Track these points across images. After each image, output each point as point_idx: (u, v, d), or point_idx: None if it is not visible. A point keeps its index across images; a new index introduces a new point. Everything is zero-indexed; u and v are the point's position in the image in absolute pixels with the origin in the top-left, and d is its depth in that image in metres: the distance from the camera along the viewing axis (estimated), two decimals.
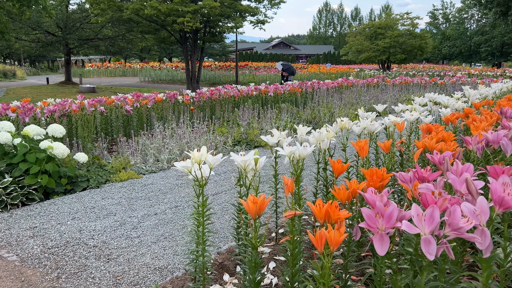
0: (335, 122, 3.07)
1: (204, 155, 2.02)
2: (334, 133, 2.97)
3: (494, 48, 58.63)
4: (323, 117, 8.32)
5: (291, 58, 63.32)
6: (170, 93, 7.93)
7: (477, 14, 66.88)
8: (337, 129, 2.97)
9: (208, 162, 2.05)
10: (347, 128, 2.97)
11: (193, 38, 14.58)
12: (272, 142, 2.69)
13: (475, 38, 61.08)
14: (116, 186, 4.46)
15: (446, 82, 15.27)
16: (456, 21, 69.52)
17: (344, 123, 2.94)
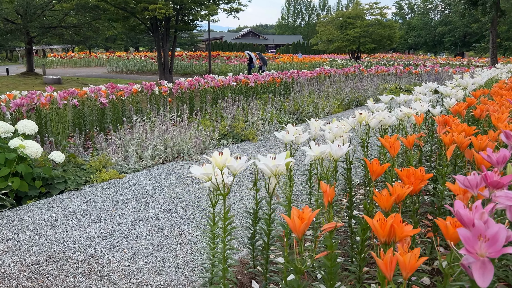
0: (352, 116, 2.79)
1: (228, 159, 1.69)
2: (351, 127, 2.69)
3: (457, 38, 60.24)
4: (307, 108, 8.08)
5: (261, 47, 62.96)
6: (147, 84, 7.46)
7: (441, 4, 68.50)
8: (355, 123, 2.69)
9: (233, 167, 1.73)
10: (366, 121, 2.69)
11: (165, 26, 13.97)
12: (287, 139, 2.38)
13: (439, 28, 62.52)
14: (98, 187, 4.05)
15: (420, 72, 15.37)
16: (421, 11, 70.93)
17: (363, 116, 2.67)
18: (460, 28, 58.62)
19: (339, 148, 1.90)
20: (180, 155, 5.08)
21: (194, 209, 3.50)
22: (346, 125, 2.66)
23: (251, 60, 18.00)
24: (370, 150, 3.10)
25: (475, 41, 57.38)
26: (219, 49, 61.13)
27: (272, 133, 6.55)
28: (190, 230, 3.10)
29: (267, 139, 6.22)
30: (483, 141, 2.37)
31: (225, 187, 1.76)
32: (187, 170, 4.63)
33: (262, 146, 5.81)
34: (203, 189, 4.02)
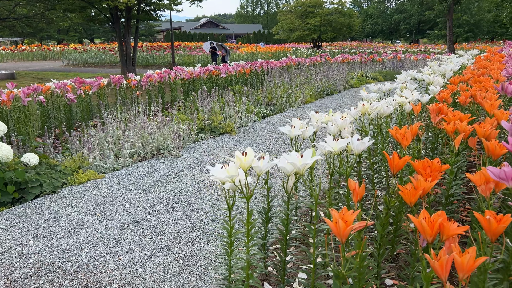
0: (353, 107, 2.73)
1: (253, 159, 1.58)
2: (354, 118, 2.63)
3: (412, 26, 62.07)
4: (281, 98, 8.01)
5: (221, 37, 62.31)
6: (115, 77, 7.12)
7: None
8: (357, 114, 2.63)
9: (258, 168, 1.62)
10: (368, 112, 2.63)
11: (126, 17, 13.43)
12: (294, 133, 2.28)
13: (395, 16, 64.14)
14: (77, 189, 3.80)
15: (384, 59, 15.67)
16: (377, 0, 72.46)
17: (366, 107, 2.61)
18: (415, 16, 60.41)
19: (361, 142, 1.81)
20: (160, 151, 4.88)
21: (185, 209, 3.35)
22: (348, 117, 2.59)
23: (215, 50, 17.70)
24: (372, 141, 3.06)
25: (428, 29, 59.38)
26: (179, 39, 59.99)
27: (251, 125, 6.44)
28: (185, 231, 2.95)
29: (246, 132, 6.11)
30: (487, 129, 2.38)
31: (248, 189, 1.64)
32: (170, 167, 4.45)
33: (242, 139, 5.69)
34: (190, 186, 3.86)
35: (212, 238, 2.85)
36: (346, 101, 8.81)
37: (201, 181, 4.01)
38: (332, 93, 9.94)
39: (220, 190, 3.75)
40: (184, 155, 4.91)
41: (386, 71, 13.94)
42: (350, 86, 11.10)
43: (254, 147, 5.24)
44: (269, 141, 5.58)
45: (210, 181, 3.98)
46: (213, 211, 3.30)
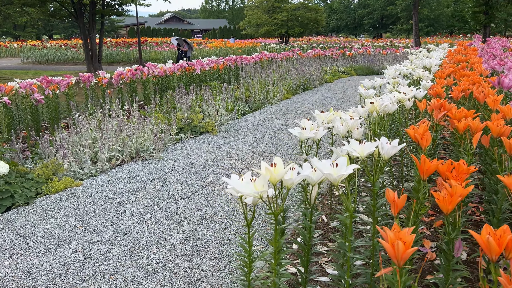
0: (358, 105, 2.57)
1: (286, 171, 1.38)
2: (363, 118, 2.47)
3: (375, 21, 63.33)
4: (258, 95, 7.83)
5: (186, 33, 61.44)
6: (84, 76, 6.71)
7: None
8: (366, 113, 2.47)
9: (290, 181, 1.42)
10: (377, 110, 2.48)
11: (91, 11, 12.82)
12: (305, 136, 2.10)
13: (358, 11, 65.21)
14: (53, 199, 3.48)
15: (354, 54, 15.77)
16: None
17: (374, 105, 2.45)
18: (378, 11, 61.65)
19: (391, 146, 1.65)
20: (139, 154, 4.59)
21: (175, 217, 3.12)
22: (355, 116, 2.44)
23: (180, 46, 17.19)
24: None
25: (391, 23, 60.72)
26: (143, 35, 58.54)
27: (231, 123, 6.22)
28: (179, 242, 2.73)
29: (227, 130, 5.88)
30: (502, 126, 2.28)
31: (276, 204, 1.45)
32: (152, 171, 4.18)
33: (225, 139, 5.46)
34: (177, 192, 3.62)
35: (211, 250, 2.64)
36: (323, 97, 8.73)
37: (188, 185, 3.77)
38: (308, 88, 9.85)
39: (211, 195, 3.53)
40: (165, 157, 4.64)
41: (357, 65, 14.02)
42: (325, 81, 11.06)
43: (238, 147, 5.04)
44: (252, 139, 5.39)
45: (198, 185, 3.75)
46: (206, 218, 3.08)
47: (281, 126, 6.12)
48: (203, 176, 4.00)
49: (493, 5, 18.49)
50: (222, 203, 3.36)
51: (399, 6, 54.60)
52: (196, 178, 3.95)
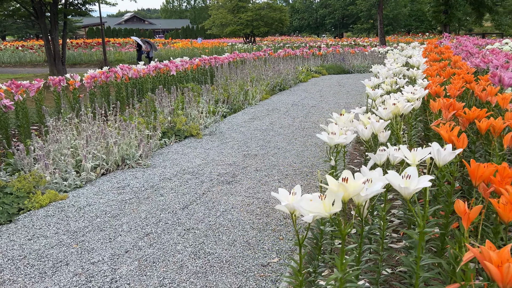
0: (380, 105, 2.47)
1: (359, 184, 1.23)
2: (386, 120, 2.36)
3: (337, 20, 64.45)
4: (238, 95, 7.65)
5: (148, 33, 60.23)
6: (55, 79, 6.31)
7: None
8: (390, 115, 2.36)
9: (363, 197, 1.27)
10: (398, 113, 2.38)
11: (53, 11, 12.18)
12: (335, 141, 1.96)
13: (320, 11, 66.16)
14: (38, 216, 3.18)
15: (323, 53, 15.87)
16: None
17: (398, 106, 2.35)
18: (339, 10, 62.77)
19: (448, 152, 1.53)
20: (125, 162, 4.32)
21: (178, 230, 2.91)
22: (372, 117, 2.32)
23: (140, 46, 16.65)
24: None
25: (352, 23, 62.03)
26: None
27: (214, 126, 6.01)
28: (189, 258, 2.53)
29: (212, 134, 5.68)
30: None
31: (344, 222, 1.30)
32: (142, 180, 3.93)
33: (211, 142, 5.26)
34: (174, 201, 3.41)
35: (225, 265, 2.46)
36: (302, 96, 8.66)
37: (184, 194, 3.56)
38: (284, 88, 9.76)
39: (211, 204, 3.34)
40: (153, 164, 4.39)
41: (328, 65, 14.11)
42: (299, 81, 11.02)
43: (227, 151, 4.86)
44: (240, 142, 5.22)
45: (195, 194, 3.55)
46: (212, 230, 2.90)
47: (266, 127, 5.98)
48: (198, 184, 3.80)
49: (453, 5, 19.16)
50: (224, 212, 3.18)
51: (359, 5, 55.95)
52: (191, 186, 3.74)
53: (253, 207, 3.25)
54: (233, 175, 4.01)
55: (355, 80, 11.52)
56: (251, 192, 3.56)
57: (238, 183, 3.78)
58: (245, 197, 3.46)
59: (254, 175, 3.98)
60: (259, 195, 3.49)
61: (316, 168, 4.14)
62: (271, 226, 2.92)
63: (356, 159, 4.19)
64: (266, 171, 4.10)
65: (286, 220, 2.98)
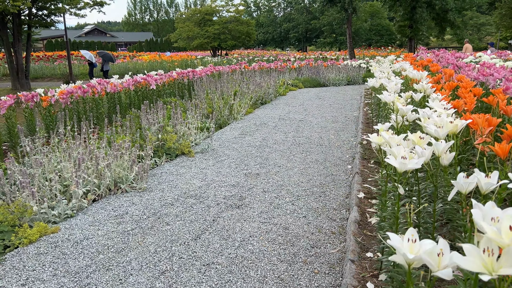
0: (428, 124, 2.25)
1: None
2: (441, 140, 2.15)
3: (300, 34, 65.58)
4: (223, 110, 7.36)
5: (110, 45, 58.94)
6: (28, 95, 5.80)
7: (283, 2, 73.66)
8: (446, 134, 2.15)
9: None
10: (455, 132, 2.17)
11: (15, 22, 11.45)
12: (408, 167, 1.72)
13: (284, 25, 67.14)
14: (29, 254, 2.75)
15: (297, 66, 15.86)
16: (266, 9, 75.14)
17: (456, 124, 2.14)
18: (302, 24, 63.94)
19: None
20: (118, 185, 3.93)
21: (196, 265, 2.57)
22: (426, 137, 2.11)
23: (91, 60, 15.81)
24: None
25: (315, 37, 63.31)
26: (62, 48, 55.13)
27: (205, 143, 5.68)
28: None
29: (204, 151, 5.35)
30: None
31: None
32: (141, 206, 3.55)
33: (205, 161, 4.93)
34: (184, 231, 3.06)
35: None
36: (286, 110, 8.47)
37: (192, 221, 3.23)
38: (266, 102, 9.56)
39: (226, 233, 3.02)
40: (149, 187, 4.02)
41: (303, 78, 14.08)
42: (279, 94, 10.86)
43: (225, 170, 4.55)
44: (237, 160, 4.92)
45: (204, 221, 3.22)
46: (235, 264, 2.58)
47: (260, 143, 5.71)
48: (204, 209, 3.47)
49: (417, 20, 19.77)
50: (243, 242, 2.87)
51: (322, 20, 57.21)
52: (198, 212, 3.40)
53: (272, 234, 2.96)
54: (240, 197, 3.71)
55: (333, 93, 11.49)
56: (266, 217, 3.27)
57: (248, 207, 3.48)
58: (261, 223, 3.16)
59: (263, 197, 3.69)
60: (275, 220, 3.21)
61: (326, 187, 3.90)
62: (300, 258, 2.64)
63: (370, 177, 4.00)
64: (275, 192, 3.83)
65: (315, 250, 2.71)
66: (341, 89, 12.60)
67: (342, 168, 4.50)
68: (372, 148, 4.90)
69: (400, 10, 20.24)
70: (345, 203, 3.49)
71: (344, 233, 2.92)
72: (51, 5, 12.06)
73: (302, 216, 3.26)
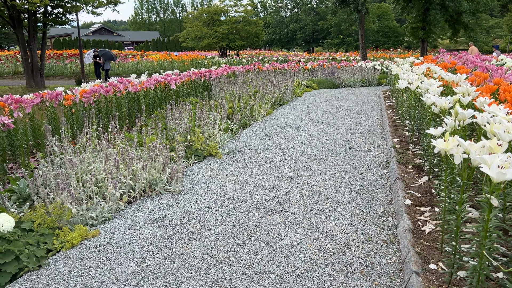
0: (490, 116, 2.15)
1: None
2: None
3: (307, 35, 65.44)
4: (244, 111, 7.27)
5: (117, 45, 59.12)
6: (52, 93, 5.73)
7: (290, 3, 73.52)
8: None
9: None
10: None
11: (31, 20, 11.41)
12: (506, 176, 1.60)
13: (291, 25, 66.97)
14: (72, 258, 2.66)
15: (310, 67, 15.76)
16: (273, 9, 75.03)
17: None
18: (310, 25, 63.81)
19: None
20: (152, 187, 3.84)
21: (248, 273, 2.48)
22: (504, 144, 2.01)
23: (98, 59, 15.57)
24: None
25: (322, 38, 63.16)
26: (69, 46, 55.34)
27: (231, 144, 5.59)
28: None
29: (231, 153, 5.25)
30: None
31: None
32: (179, 209, 3.46)
33: (234, 163, 4.84)
34: (227, 237, 2.96)
35: None
36: (306, 112, 8.37)
37: (234, 226, 3.13)
38: (284, 103, 9.46)
39: (271, 239, 2.92)
40: (183, 190, 3.93)
41: (317, 79, 13.98)
42: (296, 95, 10.76)
43: (256, 172, 4.45)
44: (266, 163, 4.82)
45: (247, 226, 3.12)
46: (288, 274, 2.48)
47: (287, 146, 5.61)
48: (244, 213, 3.37)
49: (431, 22, 19.60)
50: (292, 249, 2.77)
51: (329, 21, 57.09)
52: (238, 217, 3.31)
53: (321, 242, 2.86)
54: (278, 202, 3.61)
55: (349, 95, 11.37)
56: (309, 223, 3.17)
57: (288, 212, 3.38)
58: (306, 229, 3.06)
59: (302, 202, 3.59)
60: (320, 227, 3.11)
61: (366, 193, 3.80)
62: (356, 268, 2.53)
63: (412, 183, 3.88)
64: (313, 197, 3.72)
65: (370, 260, 2.61)
66: (357, 90, 12.48)
67: (378, 172, 4.39)
68: (406, 153, 4.79)
69: (413, 12, 20.08)
70: (390, 210, 3.39)
71: (397, 242, 2.81)
72: (67, 3, 12.01)
73: (348, 223, 3.16)
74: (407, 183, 3.76)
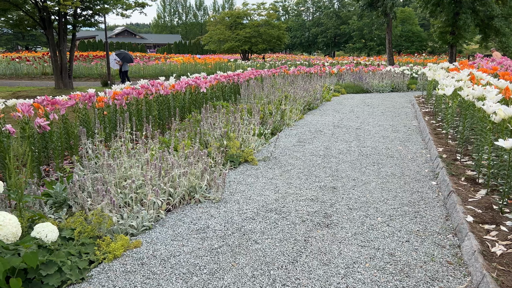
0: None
1: None
2: None
3: (329, 39, 64.98)
4: (275, 115, 7.09)
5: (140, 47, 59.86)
6: (85, 95, 5.66)
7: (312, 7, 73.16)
8: None
9: None
10: None
11: (62, 22, 11.51)
12: None
13: (312, 29, 66.60)
14: (116, 271, 2.52)
15: (337, 71, 15.50)
16: (295, 13, 74.82)
17: None
18: (331, 29, 63.34)
19: None
20: (190, 195, 3.69)
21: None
22: None
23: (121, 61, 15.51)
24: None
25: (344, 42, 62.60)
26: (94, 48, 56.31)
27: (265, 150, 5.41)
28: None
29: (267, 160, 5.07)
30: None
31: None
32: (221, 219, 3.29)
33: (271, 170, 4.65)
34: (276, 252, 2.77)
35: None
36: (338, 117, 8.13)
37: (281, 241, 2.94)
38: (313, 107, 9.24)
39: (324, 256, 2.72)
40: (224, 198, 3.76)
41: (345, 83, 13.71)
42: (325, 100, 10.53)
43: (295, 181, 4.25)
44: (305, 171, 4.62)
45: (295, 241, 2.93)
46: None
47: (324, 153, 5.40)
48: (290, 226, 3.18)
49: (461, 26, 19.08)
50: (348, 269, 2.56)
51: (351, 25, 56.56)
52: (284, 230, 3.12)
53: (379, 261, 2.64)
54: (325, 215, 3.40)
55: (380, 100, 11.08)
56: (362, 239, 2.96)
57: (338, 227, 3.17)
58: (360, 246, 2.85)
59: (351, 216, 3.38)
60: (375, 244, 2.89)
61: (418, 206, 3.56)
62: None
63: (470, 197, 3.62)
64: (361, 210, 3.51)
65: (439, 284, 2.38)
66: (387, 96, 12.16)
67: (426, 184, 4.14)
68: (455, 163, 4.52)
69: (442, 16, 19.59)
70: (448, 226, 3.14)
71: (463, 264, 2.57)
72: (97, 4, 12.08)
73: (404, 240, 2.93)
74: (463, 197, 3.50)
